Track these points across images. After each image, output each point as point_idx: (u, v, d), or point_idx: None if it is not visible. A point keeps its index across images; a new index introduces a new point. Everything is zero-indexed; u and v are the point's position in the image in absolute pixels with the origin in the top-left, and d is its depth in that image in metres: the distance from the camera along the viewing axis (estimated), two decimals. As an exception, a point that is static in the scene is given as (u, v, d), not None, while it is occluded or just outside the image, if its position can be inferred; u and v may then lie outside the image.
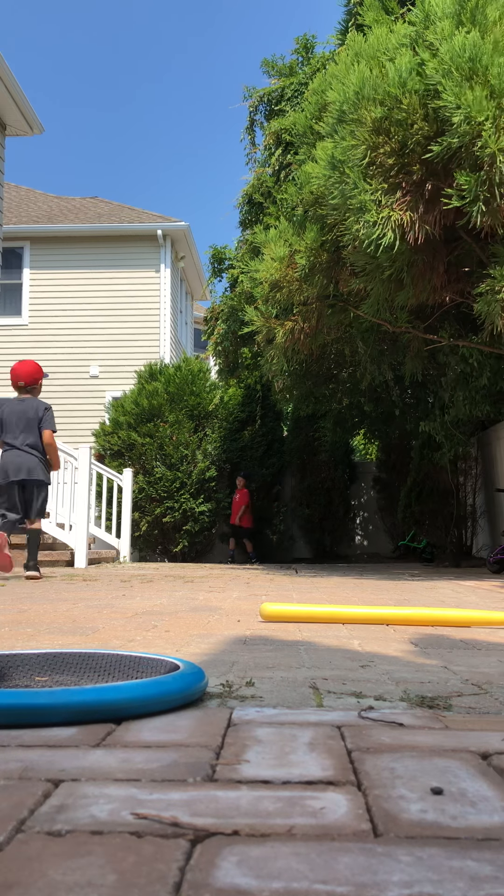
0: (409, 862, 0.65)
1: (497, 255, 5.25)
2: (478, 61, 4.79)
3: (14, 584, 4.73)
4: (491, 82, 4.76)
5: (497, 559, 6.88)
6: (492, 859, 0.66)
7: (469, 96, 4.70)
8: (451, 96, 4.76)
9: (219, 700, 1.32)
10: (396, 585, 4.88)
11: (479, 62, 4.79)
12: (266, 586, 4.72)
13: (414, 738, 1.07)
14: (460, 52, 4.80)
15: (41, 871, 0.63)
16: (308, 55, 11.93)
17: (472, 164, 4.88)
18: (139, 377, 11.92)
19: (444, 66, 4.86)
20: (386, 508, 12.38)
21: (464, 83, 4.78)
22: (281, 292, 6.68)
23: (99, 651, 1.61)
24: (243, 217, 11.56)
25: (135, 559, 10.64)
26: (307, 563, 11.20)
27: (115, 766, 0.93)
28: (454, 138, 4.82)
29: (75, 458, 8.24)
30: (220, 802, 0.80)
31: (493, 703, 1.33)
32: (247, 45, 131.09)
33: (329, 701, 1.32)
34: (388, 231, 5.12)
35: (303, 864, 0.65)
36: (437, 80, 4.90)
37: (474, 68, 4.81)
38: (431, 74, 4.95)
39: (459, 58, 4.79)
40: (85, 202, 16.72)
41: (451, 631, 2.36)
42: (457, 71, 4.81)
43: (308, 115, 6.60)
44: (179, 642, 2.04)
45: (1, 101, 8.97)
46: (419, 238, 5.24)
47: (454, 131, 4.81)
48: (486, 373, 7.47)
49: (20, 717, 1.12)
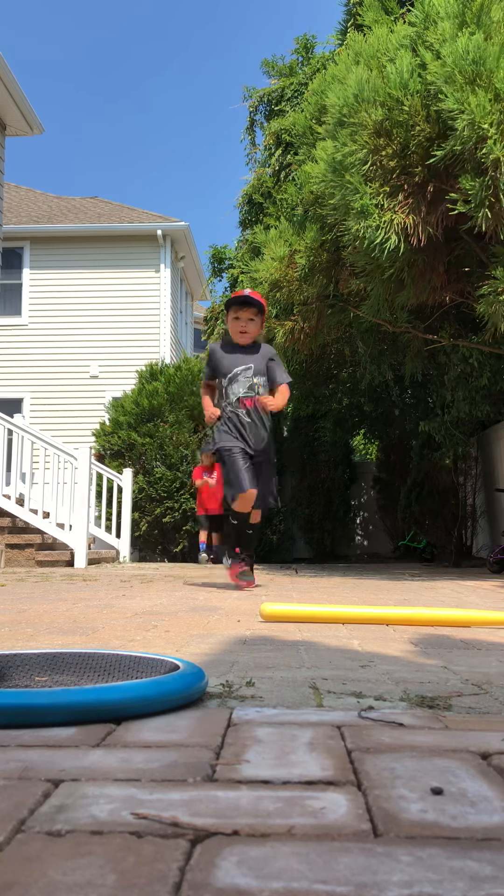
0: (409, 862, 0.65)
1: (498, 255, 5.25)
2: (482, 65, 4.77)
3: (14, 584, 4.73)
4: (496, 86, 4.73)
5: (497, 559, 6.88)
6: (492, 859, 0.66)
7: (473, 101, 4.68)
8: (454, 102, 4.75)
9: (219, 700, 1.32)
10: (396, 585, 4.88)
11: (484, 66, 4.77)
12: (266, 586, 4.72)
13: (414, 738, 1.07)
14: (463, 55, 4.78)
15: (41, 871, 0.63)
16: (308, 55, 11.94)
17: (475, 168, 4.86)
18: (140, 376, 11.92)
19: (447, 69, 4.83)
20: (386, 508, 12.38)
21: (466, 87, 4.76)
22: (281, 292, 6.69)
23: (99, 651, 1.61)
24: (243, 217, 11.58)
25: (135, 559, 10.63)
26: (307, 563, 11.20)
27: (115, 766, 0.93)
28: (457, 144, 4.81)
29: (75, 458, 8.24)
30: (220, 802, 0.80)
31: (493, 703, 1.33)
32: (247, 46, 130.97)
33: (329, 701, 1.32)
34: (391, 234, 5.11)
35: (303, 864, 0.65)
36: (438, 87, 4.89)
37: (478, 72, 4.78)
38: (433, 80, 4.93)
39: (462, 60, 4.77)
40: (85, 202, 16.72)
41: (452, 631, 2.36)
42: (460, 74, 4.79)
43: (308, 115, 6.60)
44: (179, 642, 2.04)
45: (1, 101, 8.97)
46: (422, 240, 5.24)
47: (457, 136, 4.79)
48: (486, 373, 7.47)
49: (20, 717, 1.12)
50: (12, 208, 15.40)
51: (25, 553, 7.94)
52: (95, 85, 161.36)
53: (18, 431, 8.46)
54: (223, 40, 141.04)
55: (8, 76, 8.61)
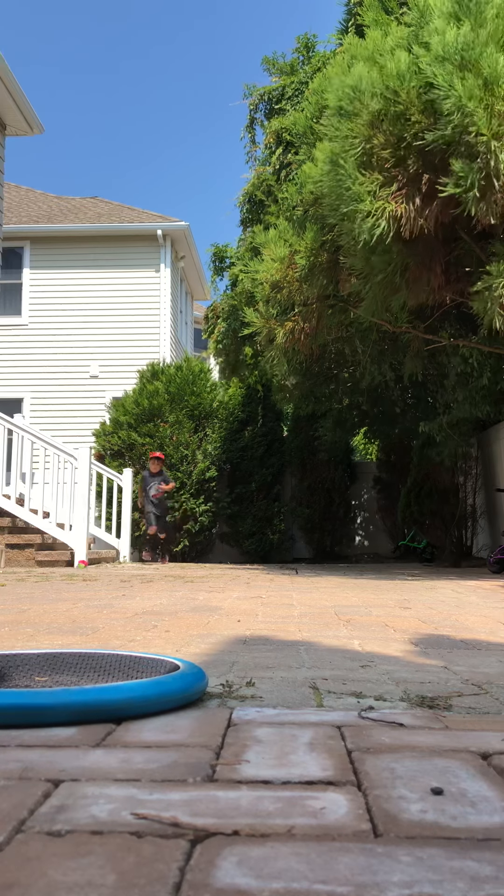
0: (409, 862, 0.65)
1: (497, 253, 5.25)
2: (469, 51, 4.81)
3: (14, 584, 4.72)
4: (484, 72, 4.77)
5: (497, 559, 6.88)
6: (492, 859, 0.66)
7: (461, 85, 4.72)
8: (444, 84, 4.79)
9: (219, 700, 1.32)
10: (397, 585, 4.88)
11: (471, 52, 4.82)
12: (266, 586, 4.72)
13: (414, 738, 1.07)
14: (452, 44, 4.83)
15: (41, 871, 0.63)
16: (309, 54, 11.93)
17: (468, 154, 4.87)
18: (141, 376, 11.92)
19: (438, 55, 4.89)
20: (386, 508, 12.38)
21: (455, 72, 4.80)
22: (281, 293, 6.69)
23: (99, 651, 1.61)
24: (244, 216, 11.57)
25: (135, 559, 10.63)
26: (307, 563, 11.20)
27: (115, 766, 0.93)
28: (448, 128, 4.82)
29: (75, 459, 8.24)
30: (220, 802, 0.80)
31: (493, 703, 1.33)
32: (247, 45, 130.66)
33: (329, 701, 1.32)
34: (381, 221, 5.10)
35: (303, 865, 0.65)
36: (431, 72, 4.92)
37: (466, 59, 4.83)
38: (425, 68, 4.96)
39: (451, 48, 4.83)
40: (85, 202, 16.72)
41: (452, 631, 2.36)
42: (449, 63, 4.84)
43: (308, 114, 6.61)
44: (179, 642, 2.04)
45: (1, 101, 8.97)
46: (414, 231, 5.22)
47: (448, 120, 4.81)
48: (486, 373, 7.47)
49: (20, 717, 1.12)
50: (12, 208, 15.40)
51: (25, 553, 7.93)
52: (95, 85, 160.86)
53: (18, 431, 8.46)
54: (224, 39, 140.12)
55: (8, 76, 8.60)
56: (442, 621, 2.65)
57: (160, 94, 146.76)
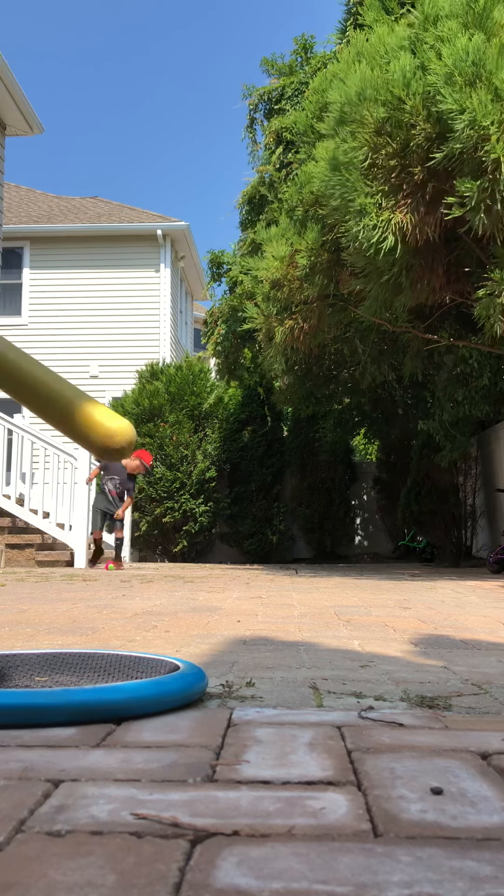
0: (409, 862, 0.65)
1: (497, 256, 5.25)
2: (481, 66, 4.76)
3: (14, 584, 4.72)
4: (497, 86, 4.73)
5: (497, 559, 6.88)
6: (492, 859, 0.66)
7: (474, 100, 4.68)
8: (453, 103, 4.75)
9: (219, 700, 1.32)
10: (397, 585, 4.88)
11: (483, 66, 4.76)
12: (266, 586, 4.72)
13: (414, 738, 1.07)
14: (463, 56, 4.78)
15: (41, 872, 0.63)
16: (307, 55, 11.93)
17: (474, 169, 4.85)
18: (140, 376, 11.92)
19: (447, 69, 4.83)
20: (386, 508, 12.38)
21: (466, 87, 4.75)
22: (282, 291, 6.68)
23: (99, 651, 1.61)
24: (244, 217, 11.56)
25: (134, 559, 10.63)
26: (307, 563, 11.20)
27: (115, 766, 0.93)
28: (457, 144, 4.80)
29: (75, 459, 8.24)
30: (220, 803, 0.80)
31: (493, 703, 1.33)
32: (247, 46, 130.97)
33: (329, 701, 1.32)
34: (388, 234, 5.11)
35: (303, 865, 0.65)
36: (438, 88, 4.88)
37: (478, 72, 4.78)
38: (434, 80, 4.93)
39: (463, 62, 4.77)
40: (85, 202, 16.71)
41: (452, 631, 2.36)
42: (460, 75, 4.79)
43: (309, 114, 6.60)
44: (179, 642, 2.04)
45: (1, 101, 8.97)
46: (419, 241, 5.23)
47: (457, 137, 4.78)
48: (486, 373, 7.47)
49: (20, 717, 1.12)
50: (12, 208, 15.40)
51: (25, 553, 7.94)
52: (95, 84, 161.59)
53: (18, 431, 8.46)
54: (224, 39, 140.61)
55: (8, 76, 8.60)
56: (442, 621, 2.66)
57: (159, 97, 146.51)
